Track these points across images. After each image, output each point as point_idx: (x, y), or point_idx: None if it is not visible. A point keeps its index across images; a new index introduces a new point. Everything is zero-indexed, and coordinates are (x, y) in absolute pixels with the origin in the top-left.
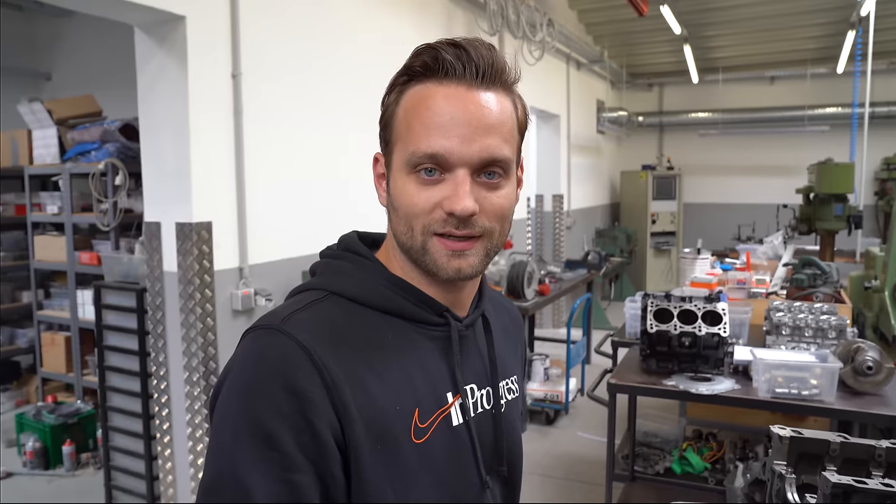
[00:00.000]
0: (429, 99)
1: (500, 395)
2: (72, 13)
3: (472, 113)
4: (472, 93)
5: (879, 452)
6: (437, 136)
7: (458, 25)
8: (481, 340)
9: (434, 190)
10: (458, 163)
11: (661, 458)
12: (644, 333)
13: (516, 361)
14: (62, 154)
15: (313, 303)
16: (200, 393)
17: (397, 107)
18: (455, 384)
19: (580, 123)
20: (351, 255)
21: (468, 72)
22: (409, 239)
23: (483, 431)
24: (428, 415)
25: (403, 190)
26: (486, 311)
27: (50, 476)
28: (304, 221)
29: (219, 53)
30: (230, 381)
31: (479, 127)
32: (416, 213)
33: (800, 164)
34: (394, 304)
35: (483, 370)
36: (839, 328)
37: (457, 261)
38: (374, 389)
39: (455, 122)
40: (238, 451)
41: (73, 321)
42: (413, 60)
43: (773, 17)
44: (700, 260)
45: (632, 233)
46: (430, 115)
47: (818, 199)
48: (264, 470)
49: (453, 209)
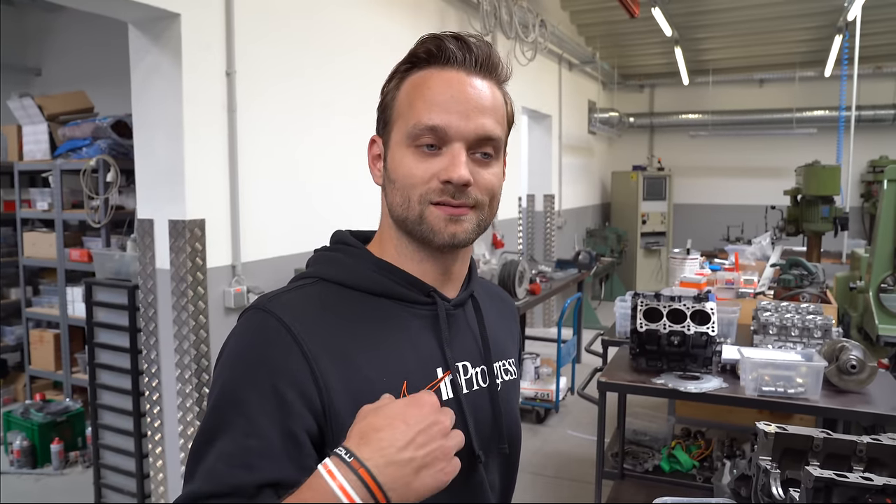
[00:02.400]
0: (430, 79)
1: (495, 375)
2: (63, 8)
3: (470, 94)
4: (471, 77)
5: (860, 448)
6: (437, 111)
7: (452, 25)
8: (472, 321)
9: (433, 162)
10: (455, 136)
11: (650, 456)
12: (634, 332)
13: (513, 346)
14: (53, 150)
15: (301, 286)
16: (192, 390)
17: (398, 90)
18: (445, 360)
19: (572, 124)
20: (342, 247)
21: (468, 60)
22: (405, 210)
23: (480, 408)
24: (417, 388)
25: (401, 162)
26: (479, 296)
27: (38, 475)
28: (297, 219)
29: (213, 51)
30: (220, 359)
31: (475, 107)
32: (413, 183)
33: (788, 166)
34: (380, 285)
35: (476, 349)
36: (825, 328)
37: (452, 226)
38: (360, 361)
39: (454, 100)
40: (212, 415)
41: (62, 318)
42: (417, 48)
43: (763, 21)
44: (689, 260)
45: (622, 233)
46: (432, 94)
47: (805, 200)
48: (226, 434)
49: (451, 176)
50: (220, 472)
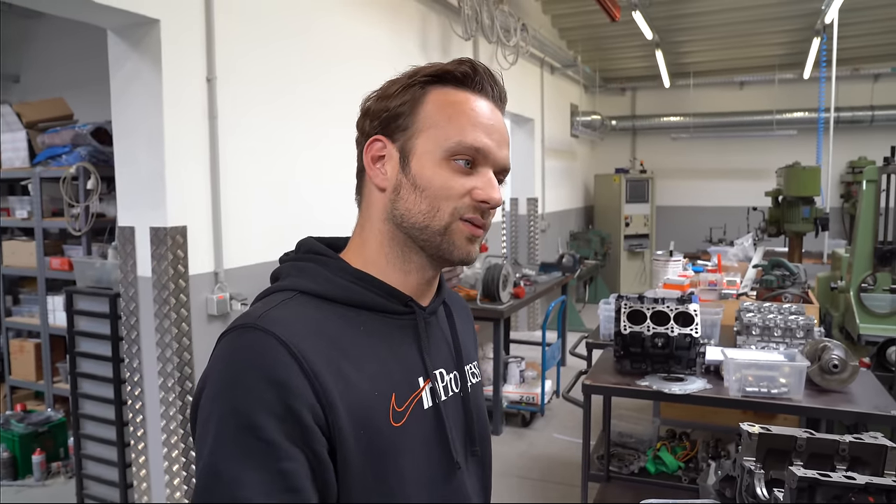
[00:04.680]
0: (472, 101)
1: (466, 379)
2: (41, 14)
3: (501, 125)
4: (497, 110)
5: (843, 447)
6: (482, 133)
7: (433, 30)
8: (444, 327)
9: (469, 179)
10: (491, 161)
11: (635, 458)
12: (618, 335)
13: (474, 348)
14: (32, 158)
15: (284, 302)
16: (175, 399)
17: (423, 100)
18: (426, 369)
19: (554, 127)
20: (313, 256)
21: (493, 92)
22: (430, 219)
23: (454, 414)
24: (404, 399)
25: (437, 172)
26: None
27: (19, 486)
28: (279, 225)
29: (193, 57)
30: (210, 385)
31: (504, 138)
32: (448, 196)
33: (768, 168)
34: (360, 296)
35: (449, 355)
36: (807, 328)
37: (470, 245)
38: (352, 377)
39: (494, 128)
40: (226, 448)
41: (42, 327)
42: (453, 66)
43: (742, 24)
44: (672, 262)
45: (605, 235)
46: (477, 116)
47: (786, 201)
48: (255, 463)
49: (490, 197)
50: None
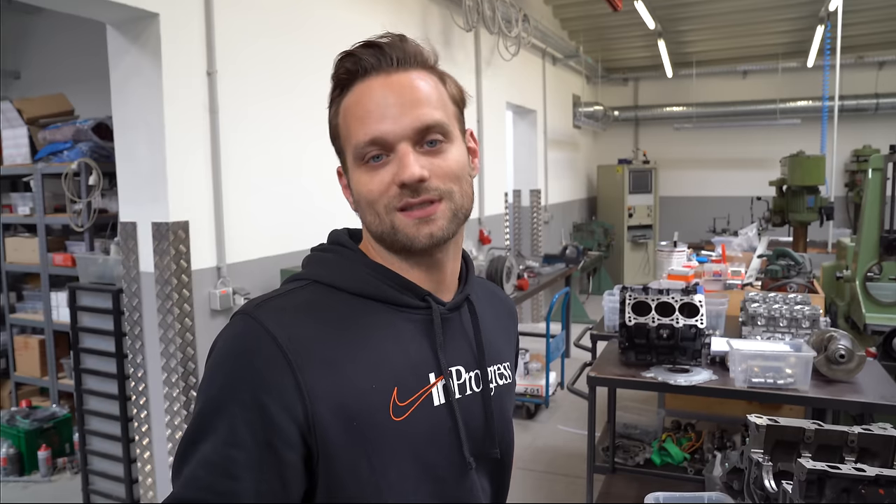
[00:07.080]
0: (359, 94)
1: (489, 379)
2: (41, 10)
3: (396, 92)
4: (392, 77)
5: (852, 438)
6: (370, 123)
7: (434, 21)
8: (468, 324)
9: (384, 171)
10: (395, 139)
11: (640, 450)
12: (622, 326)
13: (509, 349)
14: (33, 154)
15: (292, 290)
16: (179, 394)
17: (338, 118)
18: (438, 365)
19: (556, 118)
20: (336, 247)
21: (384, 62)
22: (378, 225)
23: (472, 414)
24: (408, 394)
25: (358, 181)
26: (476, 297)
27: (25, 482)
28: (282, 219)
29: (193, 51)
30: (209, 359)
31: (405, 102)
32: (374, 198)
33: (772, 157)
34: (373, 288)
35: (471, 353)
36: (812, 318)
37: (426, 227)
38: (348, 369)
39: (383, 105)
40: (197, 420)
41: (46, 324)
42: (336, 70)
43: (745, 12)
44: (676, 253)
45: (609, 226)
46: (361, 109)
47: (791, 191)
48: (212, 438)
49: (402, 179)
50: (201, 478)
